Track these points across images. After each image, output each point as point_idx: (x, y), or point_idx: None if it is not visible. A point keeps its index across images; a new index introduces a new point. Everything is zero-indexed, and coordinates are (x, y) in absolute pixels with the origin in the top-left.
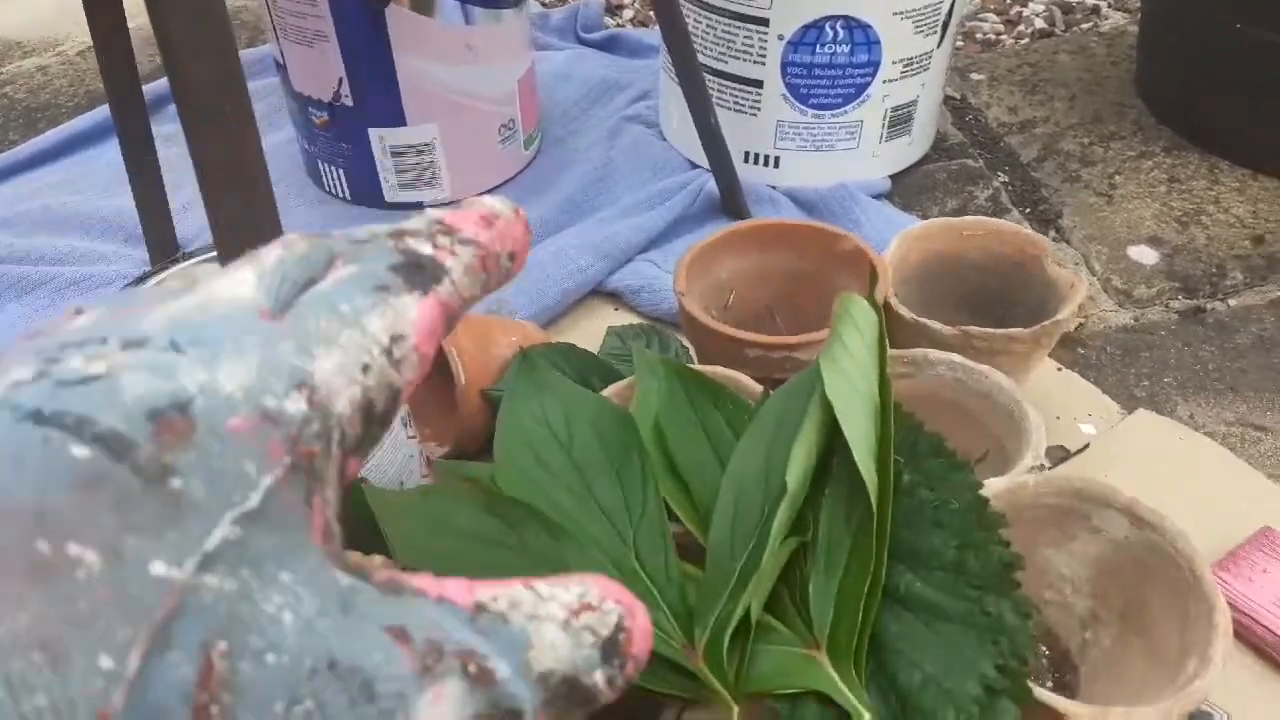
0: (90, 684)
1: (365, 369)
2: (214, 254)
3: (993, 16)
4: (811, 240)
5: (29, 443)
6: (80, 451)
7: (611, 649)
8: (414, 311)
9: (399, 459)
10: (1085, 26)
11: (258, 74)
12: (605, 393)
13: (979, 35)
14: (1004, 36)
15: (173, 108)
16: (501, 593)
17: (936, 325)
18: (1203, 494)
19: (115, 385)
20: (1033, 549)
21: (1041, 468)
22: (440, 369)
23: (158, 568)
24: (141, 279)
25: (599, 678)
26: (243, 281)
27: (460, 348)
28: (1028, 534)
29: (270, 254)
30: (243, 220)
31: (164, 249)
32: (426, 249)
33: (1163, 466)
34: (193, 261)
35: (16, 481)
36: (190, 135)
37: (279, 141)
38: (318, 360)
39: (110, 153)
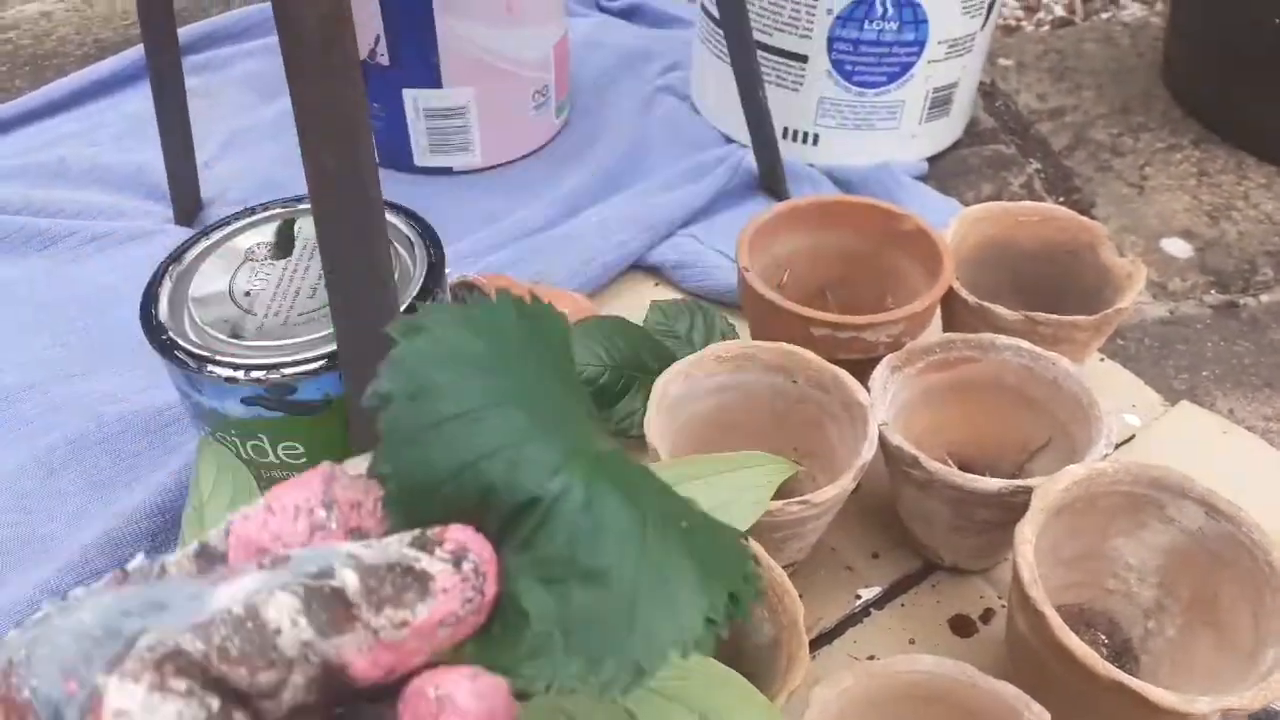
0: None
1: None
2: (249, 218)
3: (1012, 2)
4: (872, 219)
5: None
6: None
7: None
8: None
9: None
10: (1105, 16)
11: None
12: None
13: (999, 21)
14: (1024, 23)
15: (194, 58)
16: None
17: (1000, 310)
18: (1247, 487)
19: None
20: (1105, 538)
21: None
22: None
23: None
24: (177, 255)
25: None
26: None
27: None
28: (1101, 522)
29: None
30: (340, 172)
31: (189, 205)
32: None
33: (1207, 459)
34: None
35: None
36: (293, 80)
37: None
38: None
39: (126, 104)
